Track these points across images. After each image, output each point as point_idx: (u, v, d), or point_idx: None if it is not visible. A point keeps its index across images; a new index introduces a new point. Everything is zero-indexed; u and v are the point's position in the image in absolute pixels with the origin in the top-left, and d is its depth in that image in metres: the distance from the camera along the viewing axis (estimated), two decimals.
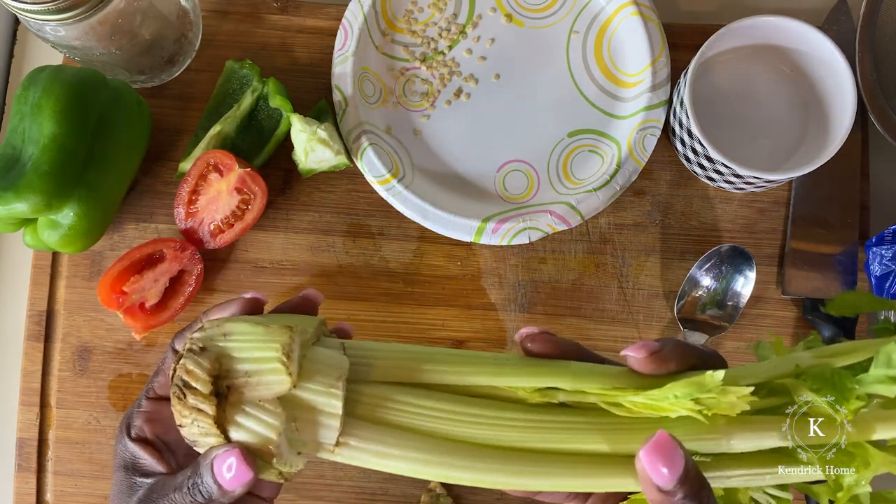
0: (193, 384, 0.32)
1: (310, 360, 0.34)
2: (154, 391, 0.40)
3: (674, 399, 0.33)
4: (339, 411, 0.33)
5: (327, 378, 0.33)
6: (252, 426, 0.32)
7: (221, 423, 0.32)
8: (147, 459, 0.38)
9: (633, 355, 0.35)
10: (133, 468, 0.38)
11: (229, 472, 0.32)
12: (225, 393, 0.32)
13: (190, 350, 0.33)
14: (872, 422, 0.33)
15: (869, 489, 0.33)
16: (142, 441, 0.38)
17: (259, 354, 0.33)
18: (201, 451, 0.34)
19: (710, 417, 0.33)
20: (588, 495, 0.39)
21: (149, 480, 0.37)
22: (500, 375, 0.35)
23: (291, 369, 0.32)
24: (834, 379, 0.33)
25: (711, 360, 0.36)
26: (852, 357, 0.34)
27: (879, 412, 0.33)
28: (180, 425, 0.33)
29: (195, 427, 0.33)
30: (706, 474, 0.33)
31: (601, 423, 0.35)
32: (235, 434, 0.33)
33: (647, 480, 0.32)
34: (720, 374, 0.32)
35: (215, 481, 0.33)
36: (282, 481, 0.35)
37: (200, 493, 0.34)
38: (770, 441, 0.33)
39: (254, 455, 0.33)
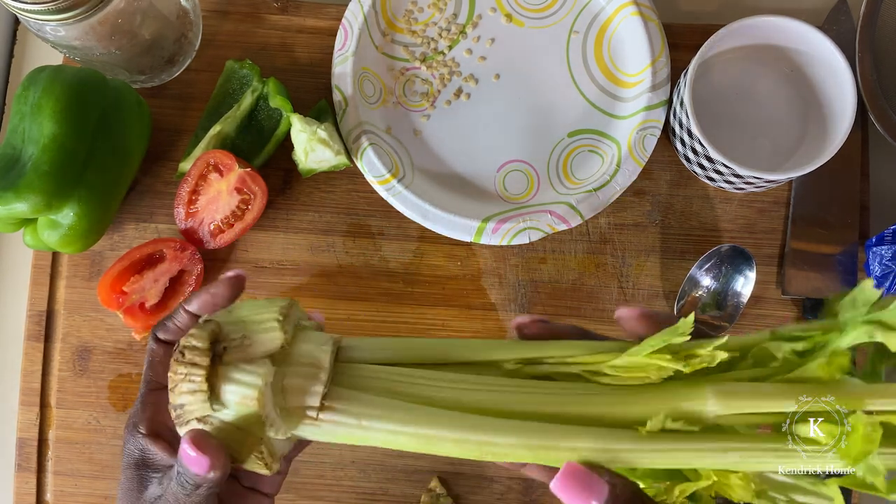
0: (194, 343, 0.33)
1: (303, 332, 0.36)
2: (154, 382, 0.40)
3: (650, 350, 0.33)
4: (327, 364, 0.34)
5: (318, 341, 0.35)
6: (241, 377, 0.33)
7: (212, 381, 0.33)
8: (158, 454, 0.38)
9: (627, 313, 0.36)
10: (144, 464, 0.38)
11: (192, 454, 0.33)
12: (220, 353, 0.34)
13: (197, 325, 0.35)
14: (862, 395, 0.32)
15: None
16: (152, 435, 0.38)
17: (257, 318, 0.34)
18: (182, 429, 0.34)
19: (692, 383, 0.33)
20: None
21: (159, 475, 0.37)
22: (486, 350, 0.36)
23: (286, 328, 0.34)
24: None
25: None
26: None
27: (868, 387, 0.33)
28: (172, 387, 0.34)
29: (185, 384, 0.33)
30: (695, 445, 0.32)
31: (584, 387, 0.35)
32: (226, 387, 0.33)
33: None
34: (691, 317, 0.33)
35: (190, 466, 0.33)
36: (265, 472, 0.35)
37: (186, 481, 0.34)
38: (754, 405, 0.33)
39: (212, 438, 0.33)
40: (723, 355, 0.33)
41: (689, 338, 0.33)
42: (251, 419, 0.33)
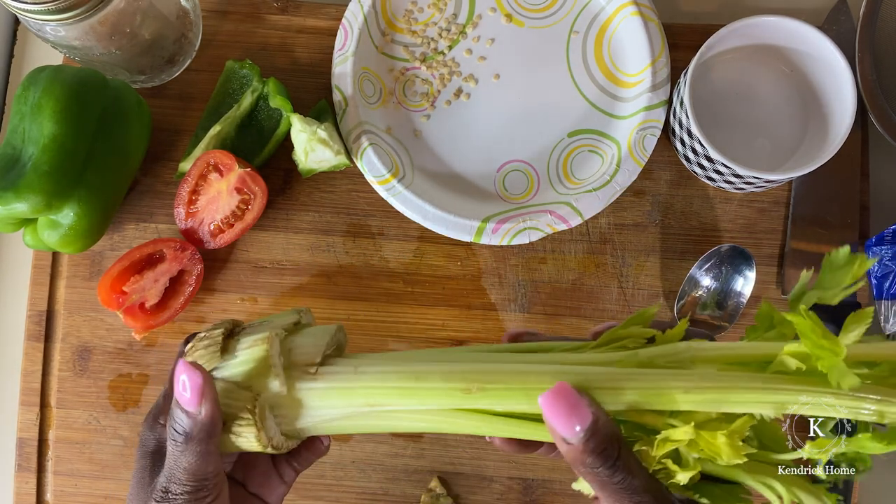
0: (216, 323, 0.37)
1: (312, 326, 0.40)
2: None
3: (624, 324, 0.36)
4: (332, 330, 0.38)
5: (325, 326, 0.39)
6: (255, 331, 0.37)
7: (228, 342, 0.37)
8: None
9: (601, 327, 0.38)
10: (159, 453, 0.39)
11: (185, 391, 0.34)
12: (238, 332, 0.38)
13: None
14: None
15: None
16: None
17: (276, 314, 0.39)
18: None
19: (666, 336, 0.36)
20: None
21: None
22: (477, 350, 0.39)
23: (301, 315, 0.39)
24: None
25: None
26: None
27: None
28: (187, 352, 0.37)
29: (202, 342, 0.36)
30: (674, 372, 0.33)
31: (571, 353, 0.37)
32: (239, 341, 0.36)
33: (553, 431, 0.32)
34: (654, 308, 0.36)
35: (179, 406, 0.34)
36: (255, 440, 0.35)
37: (175, 429, 0.35)
38: (723, 351, 0.35)
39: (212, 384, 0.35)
40: (685, 325, 0.36)
41: (657, 309, 0.37)
42: (255, 368, 0.35)
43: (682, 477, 0.33)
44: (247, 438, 0.35)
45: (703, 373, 0.33)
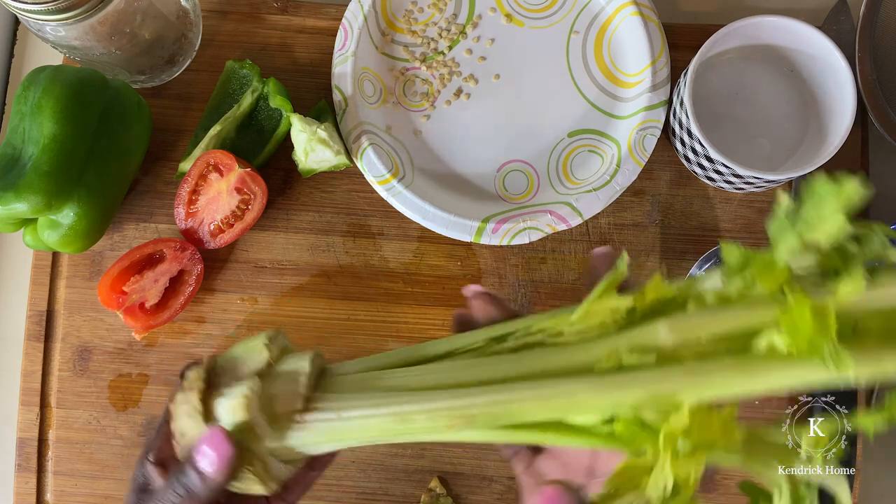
0: (191, 375, 0.36)
1: (288, 355, 0.38)
2: (172, 414, 0.40)
3: (600, 293, 0.35)
4: (307, 370, 0.36)
5: (299, 356, 0.38)
6: (231, 391, 0.35)
7: (207, 401, 0.36)
8: (159, 481, 0.38)
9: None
10: (144, 490, 0.38)
11: (219, 439, 0.34)
12: (214, 379, 0.37)
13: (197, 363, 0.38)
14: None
15: None
16: (159, 464, 0.39)
17: (247, 346, 0.38)
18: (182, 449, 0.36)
19: (647, 322, 0.34)
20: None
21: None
22: (453, 341, 0.38)
23: (271, 349, 0.37)
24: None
25: None
26: None
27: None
28: (169, 417, 0.36)
29: (184, 407, 0.35)
30: (654, 372, 0.33)
31: (548, 349, 0.36)
32: (218, 402, 0.35)
33: None
34: (622, 265, 0.35)
35: (197, 467, 0.34)
36: (263, 490, 0.35)
37: (181, 483, 0.35)
38: (704, 324, 0.33)
39: (232, 437, 0.35)
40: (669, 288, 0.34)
41: (626, 263, 0.35)
42: (243, 431, 0.35)
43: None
44: (255, 489, 0.36)
45: (687, 367, 0.32)
